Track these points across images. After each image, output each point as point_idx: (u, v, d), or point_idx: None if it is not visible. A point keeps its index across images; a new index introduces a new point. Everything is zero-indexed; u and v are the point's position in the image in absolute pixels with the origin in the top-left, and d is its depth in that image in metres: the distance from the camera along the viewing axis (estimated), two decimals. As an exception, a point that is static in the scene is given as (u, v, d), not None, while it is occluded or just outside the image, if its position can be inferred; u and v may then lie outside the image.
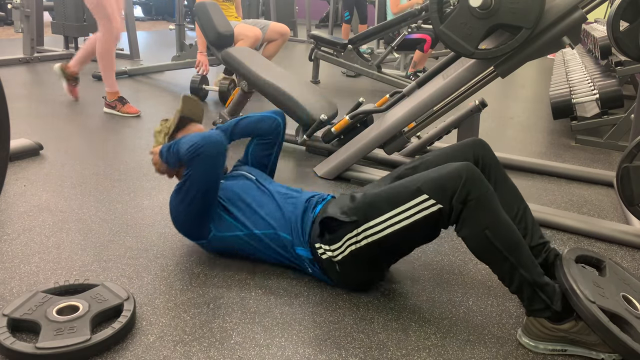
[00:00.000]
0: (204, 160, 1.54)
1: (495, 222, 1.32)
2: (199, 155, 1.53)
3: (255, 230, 1.60)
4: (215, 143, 1.55)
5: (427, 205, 1.35)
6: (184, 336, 1.35)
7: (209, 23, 3.18)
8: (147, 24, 10.13)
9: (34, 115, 3.39)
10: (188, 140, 1.56)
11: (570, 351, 1.34)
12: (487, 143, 1.62)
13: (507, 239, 1.32)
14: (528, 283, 1.31)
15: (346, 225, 1.45)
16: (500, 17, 1.90)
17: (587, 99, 3.42)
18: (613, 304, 1.30)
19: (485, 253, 1.35)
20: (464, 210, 1.32)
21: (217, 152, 1.56)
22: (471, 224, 1.33)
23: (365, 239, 1.43)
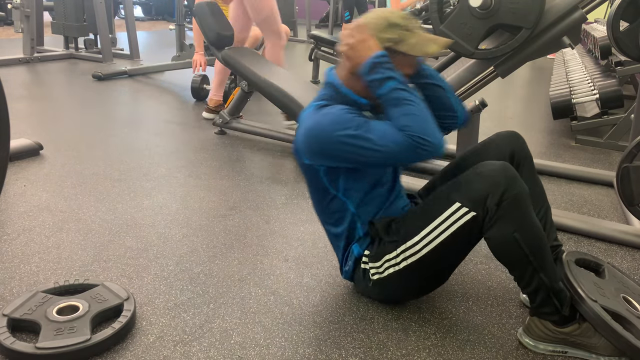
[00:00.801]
0: (415, 157, 1.26)
1: (526, 225, 1.26)
2: (418, 152, 1.24)
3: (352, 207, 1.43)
4: (439, 150, 1.25)
5: (461, 214, 1.27)
6: (184, 336, 1.35)
7: (209, 23, 3.18)
8: (147, 24, 10.14)
9: (34, 115, 3.39)
10: (417, 121, 1.24)
11: (571, 353, 1.34)
12: (521, 136, 1.55)
13: (534, 243, 1.26)
14: (545, 288, 1.29)
15: (386, 243, 1.39)
16: (500, 17, 1.90)
17: (587, 99, 3.43)
18: (614, 303, 1.30)
19: (510, 255, 1.28)
20: (498, 210, 1.24)
21: (430, 157, 1.27)
22: (502, 225, 1.24)
23: (405, 260, 1.35)
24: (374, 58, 1.27)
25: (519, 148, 1.53)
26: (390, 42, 1.30)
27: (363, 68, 1.29)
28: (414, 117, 1.24)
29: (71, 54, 5.64)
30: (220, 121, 3.12)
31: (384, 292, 1.48)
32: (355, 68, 1.31)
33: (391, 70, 1.28)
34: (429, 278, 1.45)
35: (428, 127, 1.24)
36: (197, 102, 3.97)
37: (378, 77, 1.27)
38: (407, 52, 1.31)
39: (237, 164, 2.66)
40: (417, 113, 1.25)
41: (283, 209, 2.14)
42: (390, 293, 1.48)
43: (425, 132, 1.23)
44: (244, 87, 2.98)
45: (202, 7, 3.28)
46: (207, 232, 1.91)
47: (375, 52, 1.28)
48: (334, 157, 1.32)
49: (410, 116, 1.24)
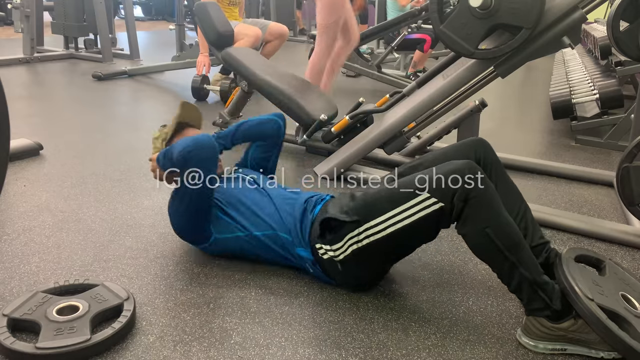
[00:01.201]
0: (195, 164, 1.52)
1: (497, 221, 1.32)
2: (191, 159, 1.50)
3: (255, 231, 1.60)
4: (205, 146, 1.52)
5: (428, 204, 1.35)
6: (184, 336, 1.35)
7: (209, 23, 3.19)
8: (147, 24, 10.14)
9: (34, 115, 3.39)
10: (180, 144, 1.54)
11: (570, 350, 1.34)
12: (487, 142, 1.62)
13: (508, 238, 1.31)
14: (528, 282, 1.31)
15: (347, 225, 1.45)
16: (500, 17, 1.90)
17: (587, 99, 3.43)
18: (612, 302, 1.30)
19: (486, 251, 1.35)
20: (465, 208, 1.31)
21: (207, 155, 1.53)
22: (472, 222, 1.32)
23: (367, 238, 1.43)
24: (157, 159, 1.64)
25: (485, 154, 1.59)
26: (163, 144, 1.75)
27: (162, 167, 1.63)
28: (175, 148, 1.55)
29: (71, 54, 5.64)
30: (220, 121, 3.12)
31: (353, 272, 1.52)
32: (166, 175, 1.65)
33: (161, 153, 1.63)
34: (390, 255, 1.54)
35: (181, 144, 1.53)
36: (198, 102, 3.97)
37: (160, 163, 1.63)
38: (172, 135, 1.77)
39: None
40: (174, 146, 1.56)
41: (283, 209, 2.14)
42: (358, 271, 1.52)
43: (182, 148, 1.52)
44: (244, 87, 2.98)
45: (202, 7, 3.29)
46: (207, 232, 1.91)
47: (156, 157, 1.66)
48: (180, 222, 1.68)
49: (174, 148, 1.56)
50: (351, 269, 1.51)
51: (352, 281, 1.57)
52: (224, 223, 1.63)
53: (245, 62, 2.85)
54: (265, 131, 1.91)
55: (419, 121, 2.46)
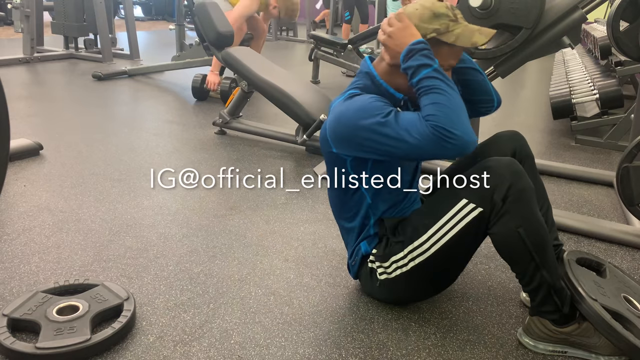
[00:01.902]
0: (440, 151, 1.19)
1: (531, 220, 1.25)
2: (443, 145, 1.16)
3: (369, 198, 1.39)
4: (468, 146, 1.19)
5: (467, 210, 1.26)
6: (184, 336, 1.35)
7: (209, 23, 3.18)
8: (147, 24, 10.14)
9: (34, 115, 3.39)
10: (444, 111, 1.17)
11: (570, 353, 1.33)
12: (523, 136, 1.55)
13: (538, 239, 1.25)
14: (547, 285, 1.28)
15: (393, 245, 1.38)
16: (500, 17, 1.90)
17: (587, 99, 3.43)
18: (615, 303, 1.30)
19: (514, 251, 1.27)
20: (504, 205, 1.23)
21: (458, 153, 1.20)
22: (507, 220, 1.24)
23: (412, 260, 1.34)
24: (411, 45, 1.23)
25: (520, 147, 1.53)
26: (435, 33, 1.26)
27: (402, 56, 1.24)
28: (442, 106, 1.17)
29: (71, 54, 5.64)
30: (220, 121, 3.12)
31: (392, 294, 1.47)
32: (393, 58, 1.28)
33: (428, 58, 1.22)
34: (437, 278, 1.44)
35: (456, 119, 1.16)
36: (198, 102, 3.97)
37: (413, 64, 1.22)
38: (454, 43, 1.27)
39: (237, 164, 2.66)
40: (446, 103, 1.17)
41: (283, 209, 2.14)
42: (398, 295, 1.47)
43: (452, 124, 1.15)
44: (244, 87, 2.98)
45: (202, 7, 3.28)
46: (207, 232, 1.91)
47: (414, 39, 1.24)
48: (360, 145, 1.26)
49: (437, 105, 1.17)
50: (387, 291, 1.44)
51: (381, 298, 1.51)
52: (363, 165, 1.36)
53: (245, 62, 2.85)
54: (490, 93, 1.51)
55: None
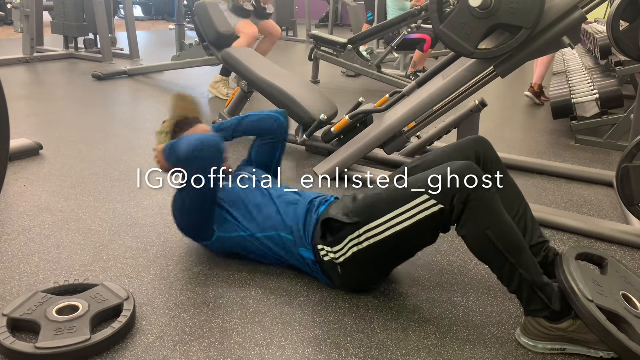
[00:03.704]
0: (202, 163, 1.52)
1: (497, 223, 1.31)
2: (197, 158, 1.51)
3: (258, 233, 1.60)
4: (212, 145, 1.53)
5: (428, 205, 1.35)
6: (184, 336, 1.35)
7: (209, 23, 3.19)
8: (147, 24, 10.13)
9: (34, 115, 3.39)
10: (186, 142, 1.53)
11: (569, 350, 1.34)
12: (488, 141, 1.62)
13: (508, 240, 1.31)
14: (527, 283, 1.31)
15: (348, 226, 1.45)
16: (500, 17, 1.90)
17: (587, 99, 3.43)
18: (612, 302, 1.30)
19: (486, 253, 1.35)
20: (465, 210, 1.31)
21: (215, 154, 1.54)
22: (472, 224, 1.32)
23: (367, 240, 1.42)
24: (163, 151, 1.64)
25: (485, 152, 1.58)
26: (167, 138, 1.73)
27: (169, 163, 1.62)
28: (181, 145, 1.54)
29: (71, 54, 5.64)
30: (220, 121, 3.12)
31: (353, 276, 1.52)
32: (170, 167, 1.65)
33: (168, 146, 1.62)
34: (390, 258, 1.53)
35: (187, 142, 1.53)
36: (197, 102, 3.97)
37: (165, 156, 1.63)
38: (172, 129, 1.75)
39: (237, 164, 2.65)
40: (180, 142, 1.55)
41: (283, 209, 2.14)
42: (358, 275, 1.52)
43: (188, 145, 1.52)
44: (244, 87, 2.98)
45: (202, 7, 3.29)
46: (207, 232, 1.91)
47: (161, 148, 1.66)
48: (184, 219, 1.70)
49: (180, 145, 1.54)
50: (351, 272, 1.50)
51: (351, 284, 1.56)
52: (227, 222, 1.63)
53: (245, 62, 2.85)
54: (266, 127, 1.90)
55: (419, 121, 2.46)
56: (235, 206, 1.64)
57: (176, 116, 1.79)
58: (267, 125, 1.90)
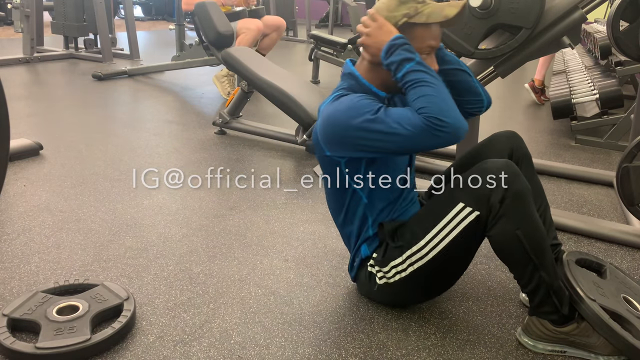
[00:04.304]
0: (434, 141, 1.21)
1: (529, 222, 1.25)
2: (436, 135, 1.19)
3: (365, 198, 1.40)
4: (460, 133, 1.21)
5: (465, 214, 1.26)
6: (184, 336, 1.35)
7: (209, 23, 3.19)
8: (147, 24, 10.13)
9: (34, 115, 3.39)
10: (434, 101, 1.19)
11: (570, 353, 1.34)
12: (520, 136, 1.55)
13: (536, 241, 1.26)
14: (545, 286, 1.28)
15: (392, 250, 1.38)
16: (500, 17, 1.90)
17: (587, 99, 3.43)
18: (614, 303, 1.30)
19: (512, 253, 1.28)
20: (501, 208, 1.23)
21: (450, 141, 1.22)
22: (504, 222, 1.24)
23: (411, 265, 1.35)
24: (391, 41, 1.25)
25: (517, 147, 1.53)
26: (405, 18, 1.28)
27: (382, 53, 1.27)
28: (431, 97, 1.20)
29: (71, 54, 5.64)
30: (220, 121, 3.12)
31: (390, 297, 1.48)
32: (374, 57, 1.30)
33: (409, 52, 1.24)
34: (436, 282, 1.43)
35: (446, 107, 1.19)
36: (196, 103, 3.97)
37: (395, 59, 1.24)
38: (427, 22, 1.28)
39: (237, 164, 2.66)
40: (434, 94, 1.21)
41: (283, 209, 2.14)
42: (396, 298, 1.48)
43: (442, 113, 1.18)
44: (244, 87, 2.98)
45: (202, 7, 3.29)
46: (207, 232, 1.91)
47: (392, 35, 1.26)
48: (353, 145, 1.28)
49: (426, 97, 1.20)
50: (387, 294, 1.44)
51: (379, 300, 1.51)
52: (357, 165, 1.37)
53: (245, 62, 2.85)
54: (478, 93, 1.47)
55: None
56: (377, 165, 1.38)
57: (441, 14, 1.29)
58: (481, 93, 1.47)
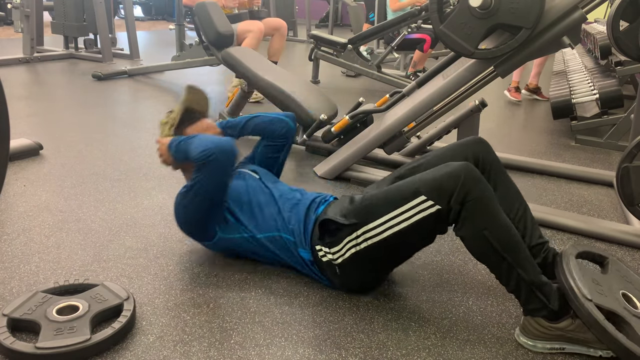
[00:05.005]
0: (214, 168, 1.51)
1: (494, 223, 1.32)
2: (210, 163, 1.49)
3: (259, 234, 1.60)
4: (227, 152, 1.52)
5: (425, 206, 1.35)
6: (184, 336, 1.35)
7: (209, 23, 3.18)
8: (147, 24, 10.13)
9: (34, 115, 3.39)
10: (200, 144, 1.52)
11: (569, 349, 1.34)
12: (487, 142, 1.62)
13: (505, 240, 1.31)
14: (525, 283, 1.31)
15: (345, 228, 1.45)
16: (500, 17, 1.90)
17: (587, 99, 3.43)
18: (611, 301, 1.30)
19: (483, 253, 1.35)
20: (462, 210, 1.32)
21: (228, 161, 1.53)
22: (469, 225, 1.32)
23: (365, 241, 1.43)
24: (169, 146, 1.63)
25: (484, 153, 1.59)
26: (171, 129, 1.71)
27: (173, 157, 1.63)
28: (194, 146, 1.53)
29: (71, 54, 5.64)
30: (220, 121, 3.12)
31: (351, 276, 1.51)
32: (175, 164, 1.67)
33: (175, 141, 1.61)
34: (389, 259, 1.53)
35: (202, 144, 1.51)
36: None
37: (172, 151, 1.61)
38: (180, 121, 1.71)
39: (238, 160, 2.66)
40: (193, 143, 1.55)
41: (283, 209, 2.14)
42: (357, 275, 1.52)
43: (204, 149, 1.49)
44: (244, 87, 2.98)
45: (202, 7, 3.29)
46: (207, 232, 1.91)
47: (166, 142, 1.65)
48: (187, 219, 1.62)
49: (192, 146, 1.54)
50: (349, 273, 1.50)
51: (350, 285, 1.56)
52: (229, 223, 1.62)
53: (245, 62, 2.85)
54: (275, 130, 1.87)
55: (419, 121, 2.46)
56: (238, 205, 1.63)
57: (184, 107, 1.74)
58: (276, 128, 1.87)
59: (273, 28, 4.13)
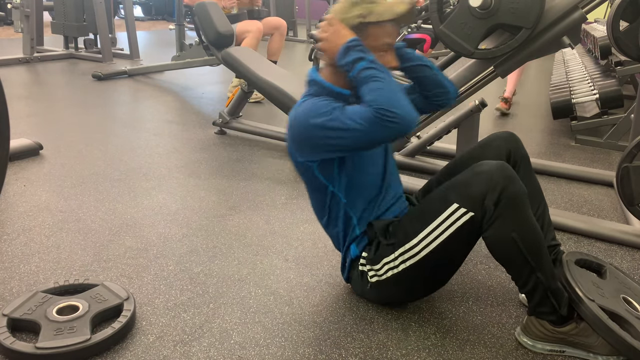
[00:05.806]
0: (385, 132, 1.23)
1: (524, 225, 1.26)
2: (387, 126, 1.21)
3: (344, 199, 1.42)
4: (410, 124, 1.23)
5: (458, 215, 1.27)
6: (184, 336, 1.35)
7: (209, 23, 3.18)
8: (147, 24, 10.13)
9: (34, 115, 3.39)
10: (387, 93, 1.23)
11: (569, 353, 1.34)
12: (517, 136, 1.56)
13: (532, 243, 1.26)
14: (543, 287, 1.29)
15: (384, 247, 1.38)
16: (500, 17, 1.90)
17: (587, 99, 3.43)
18: (613, 303, 1.30)
19: (508, 255, 1.29)
20: (496, 210, 1.24)
21: (399, 134, 1.25)
22: (500, 225, 1.25)
23: (403, 263, 1.35)
24: (345, 44, 1.29)
25: (515, 148, 1.53)
26: (359, 19, 1.31)
27: (338, 56, 1.30)
28: (380, 90, 1.24)
29: (71, 54, 5.64)
30: (220, 121, 3.13)
31: (383, 295, 1.48)
32: (333, 60, 1.34)
33: (361, 52, 1.28)
34: (428, 280, 1.44)
35: (394, 98, 1.23)
36: (196, 103, 3.97)
37: (349, 59, 1.28)
38: (379, 20, 1.31)
39: (237, 164, 2.66)
40: (383, 87, 1.24)
41: (283, 209, 2.14)
42: (389, 295, 1.48)
43: (391, 104, 1.21)
44: (244, 87, 2.98)
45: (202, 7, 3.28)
46: (207, 232, 1.91)
47: (347, 39, 1.30)
48: (316, 145, 1.32)
49: (376, 91, 1.24)
50: (380, 291, 1.45)
51: (374, 299, 1.51)
52: (331, 167, 1.39)
53: (245, 62, 2.85)
54: (443, 86, 1.52)
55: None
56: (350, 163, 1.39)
57: (395, 16, 1.32)
58: (446, 86, 1.53)
59: (273, 27, 4.13)
